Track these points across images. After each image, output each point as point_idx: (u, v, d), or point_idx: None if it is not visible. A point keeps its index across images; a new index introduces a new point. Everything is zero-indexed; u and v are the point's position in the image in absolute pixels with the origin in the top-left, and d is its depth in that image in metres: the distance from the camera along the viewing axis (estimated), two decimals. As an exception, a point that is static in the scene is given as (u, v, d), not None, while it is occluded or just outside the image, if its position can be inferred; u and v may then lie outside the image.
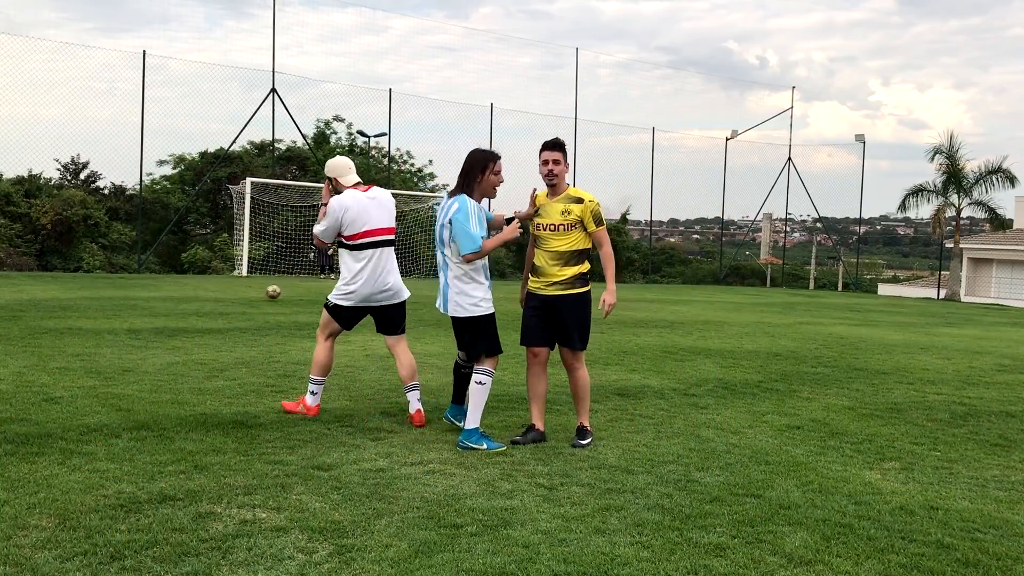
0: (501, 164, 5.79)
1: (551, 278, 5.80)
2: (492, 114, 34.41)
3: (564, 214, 5.75)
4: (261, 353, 9.64)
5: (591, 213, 5.76)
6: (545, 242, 5.82)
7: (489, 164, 5.74)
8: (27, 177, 30.59)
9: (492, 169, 5.75)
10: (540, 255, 5.86)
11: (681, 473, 5.26)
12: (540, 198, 5.88)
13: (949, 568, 3.87)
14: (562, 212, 5.76)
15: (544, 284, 5.83)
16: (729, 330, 14.83)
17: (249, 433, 5.78)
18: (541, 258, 5.85)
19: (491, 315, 5.80)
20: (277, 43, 30.38)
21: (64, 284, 19.34)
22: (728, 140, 41.39)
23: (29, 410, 6.18)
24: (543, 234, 5.82)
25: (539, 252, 5.87)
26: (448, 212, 5.74)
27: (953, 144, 38.11)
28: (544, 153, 5.82)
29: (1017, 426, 7.27)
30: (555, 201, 5.79)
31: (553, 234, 5.78)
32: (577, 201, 5.77)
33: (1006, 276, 43.92)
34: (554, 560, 3.75)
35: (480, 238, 5.64)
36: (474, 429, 5.65)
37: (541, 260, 5.85)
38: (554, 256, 5.79)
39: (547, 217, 5.81)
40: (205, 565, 3.54)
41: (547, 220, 5.80)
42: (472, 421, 5.67)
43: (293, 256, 30.30)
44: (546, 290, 5.82)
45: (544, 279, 5.83)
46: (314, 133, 38.27)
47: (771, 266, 49.06)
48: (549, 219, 5.80)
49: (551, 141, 5.83)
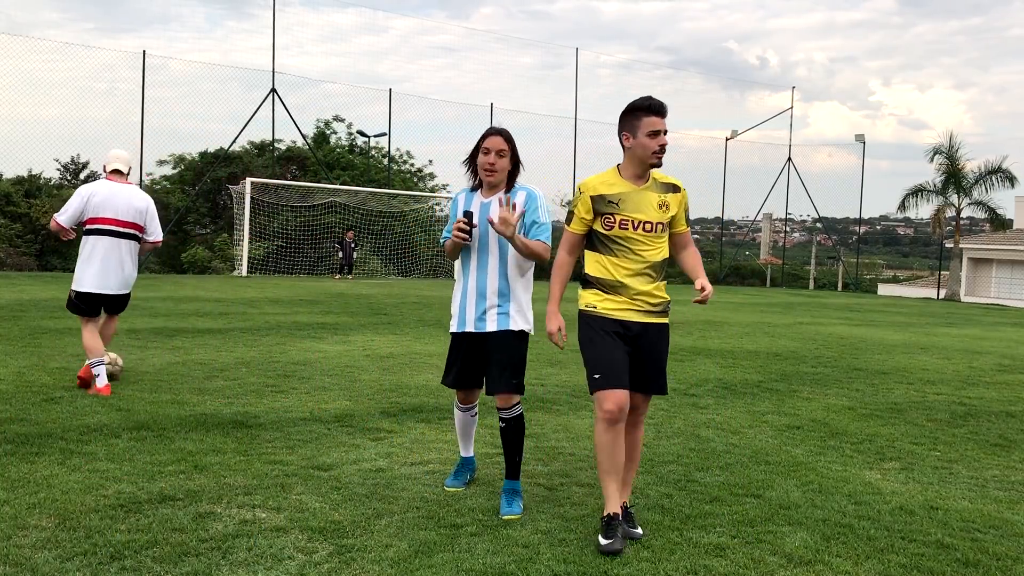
0: (493, 140, 4.48)
1: (647, 298, 4.13)
2: (492, 114, 34.44)
3: (662, 208, 4.14)
4: (261, 353, 9.64)
5: (686, 207, 4.27)
6: (632, 247, 4.10)
7: (479, 143, 4.52)
8: (27, 177, 30.63)
9: (479, 147, 4.53)
10: (619, 266, 4.10)
11: (681, 473, 5.26)
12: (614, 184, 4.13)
13: (949, 568, 3.87)
14: (659, 205, 4.14)
15: (629, 306, 4.11)
16: (729, 330, 14.83)
17: (249, 433, 5.78)
18: (621, 270, 4.10)
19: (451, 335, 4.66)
20: (277, 43, 30.41)
21: (64, 284, 19.33)
22: (728, 140, 41.41)
23: (29, 410, 6.18)
24: (634, 235, 4.10)
25: (617, 262, 4.11)
26: None
27: (953, 144, 38.16)
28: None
29: (1017, 426, 7.27)
30: (645, 189, 4.12)
31: (648, 236, 4.11)
32: (673, 190, 4.19)
33: (1006, 276, 43.92)
34: (554, 560, 3.75)
35: (446, 234, 4.63)
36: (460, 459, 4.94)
37: (621, 273, 4.10)
38: (647, 268, 4.12)
39: (638, 211, 4.10)
40: (205, 565, 3.54)
41: (639, 215, 4.09)
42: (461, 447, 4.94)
43: (293, 256, 30.30)
44: (636, 315, 4.11)
45: (632, 299, 4.11)
46: (314, 133, 38.32)
47: (771, 266, 49.08)
48: (642, 214, 4.10)
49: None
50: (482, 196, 4.55)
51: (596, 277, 4.14)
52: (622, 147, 4.14)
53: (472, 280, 4.51)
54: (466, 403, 4.76)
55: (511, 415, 4.46)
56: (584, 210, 4.14)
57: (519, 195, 4.46)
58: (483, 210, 4.49)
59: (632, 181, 4.13)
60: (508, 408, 4.46)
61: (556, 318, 4.18)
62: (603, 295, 4.11)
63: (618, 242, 4.10)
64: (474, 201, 4.55)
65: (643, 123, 4.02)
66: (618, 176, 4.16)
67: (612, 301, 4.10)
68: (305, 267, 30.37)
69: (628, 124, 4.08)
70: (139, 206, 7.26)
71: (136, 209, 7.23)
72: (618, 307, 4.09)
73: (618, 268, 4.10)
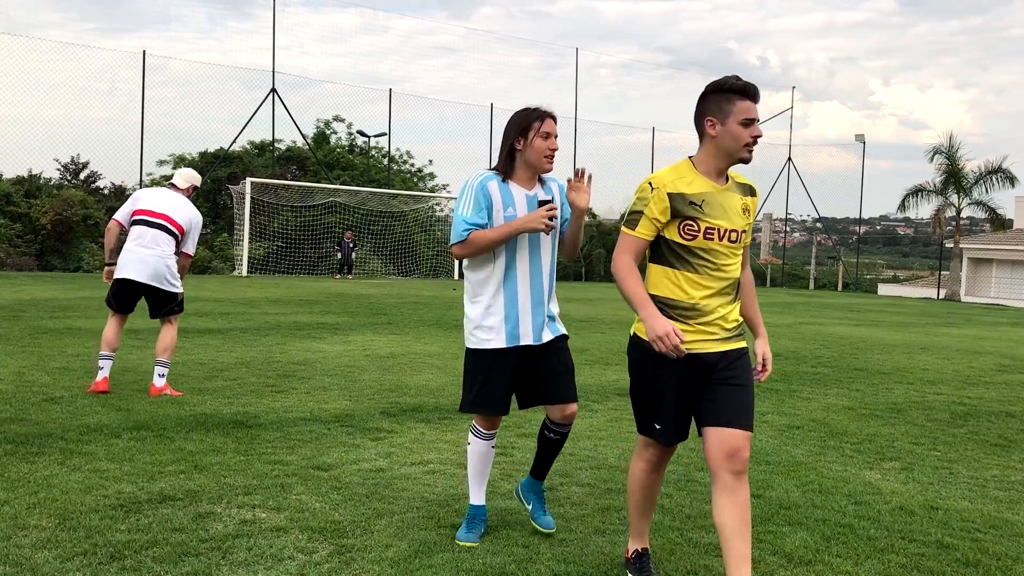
0: (551, 123, 3.91)
1: (724, 324, 3.36)
2: (492, 114, 34.43)
3: (745, 213, 3.40)
4: (261, 353, 9.64)
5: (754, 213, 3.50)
6: (716, 261, 3.32)
7: (532, 126, 3.88)
8: (27, 177, 30.62)
9: (537, 131, 3.88)
10: (699, 284, 3.31)
11: (681, 473, 5.26)
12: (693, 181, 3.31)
13: (949, 568, 3.87)
14: (743, 209, 3.39)
15: (705, 334, 3.33)
16: (729, 330, 14.82)
17: (249, 433, 5.78)
18: (700, 289, 3.31)
19: (481, 353, 3.95)
20: (278, 43, 30.43)
21: (64, 284, 19.33)
22: (728, 140, 41.33)
23: (29, 410, 6.18)
24: (719, 247, 3.31)
25: (697, 280, 3.31)
26: None
27: (953, 144, 38.17)
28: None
29: (1017, 426, 7.27)
30: (727, 189, 3.36)
31: (733, 248, 3.35)
32: (750, 192, 3.47)
33: (1006, 276, 43.92)
34: (554, 560, 3.75)
35: (469, 225, 3.86)
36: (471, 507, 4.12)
37: (700, 293, 3.31)
38: (728, 286, 3.37)
39: (724, 216, 3.32)
40: (205, 565, 3.54)
41: (725, 222, 3.32)
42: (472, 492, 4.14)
43: (293, 256, 30.30)
44: (712, 344, 3.34)
45: (708, 326, 3.33)
46: (314, 133, 38.34)
47: (771, 266, 49.06)
48: (727, 220, 3.33)
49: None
50: (523, 187, 3.92)
51: (666, 298, 3.31)
52: (700, 135, 3.35)
53: (523, 285, 3.89)
54: (492, 429, 4.07)
55: (570, 427, 4.07)
56: (658, 211, 3.28)
57: (551, 185, 4.03)
58: (530, 204, 3.90)
59: (713, 179, 3.34)
60: (571, 421, 4.04)
61: (663, 318, 3.19)
62: (673, 321, 3.27)
63: (700, 255, 3.29)
64: (514, 194, 3.90)
65: (737, 108, 3.24)
66: (695, 171, 3.34)
67: (684, 330, 3.28)
68: (305, 267, 30.37)
69: (716, 107, 3.28)
70: (188, 213, 7.22)
71: (175, 206, 7.20)
72: (692, 338, 3.29)
73: (697, 287, 3.30)
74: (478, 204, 3.85)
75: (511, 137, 3.90)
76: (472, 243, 3.84)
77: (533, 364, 3.96)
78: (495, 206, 3.85)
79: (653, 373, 3.36)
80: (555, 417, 4.01)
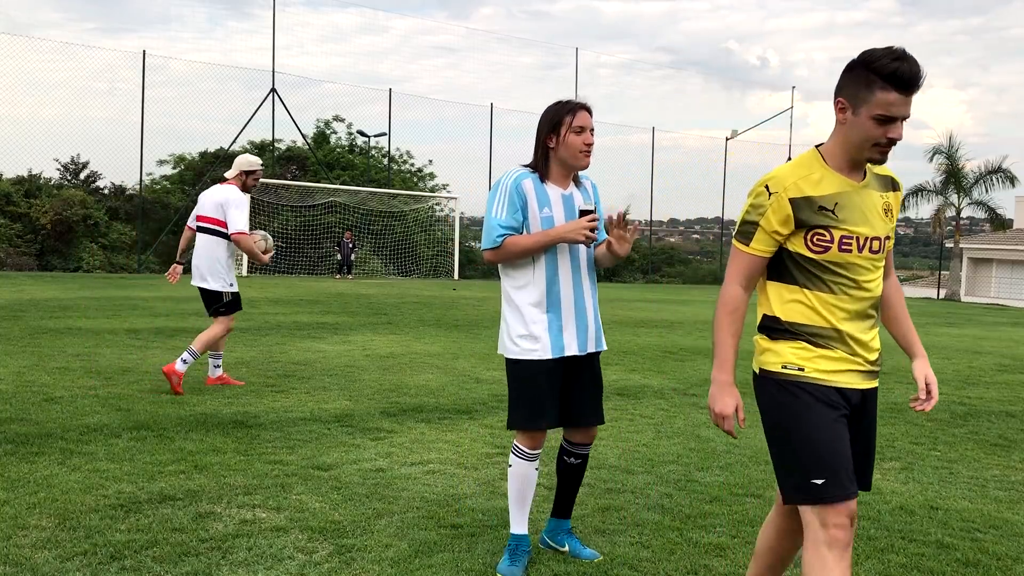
0: (585, 116, 3.61)
1: (867, 355, 2.74)
2: (492, 114, 34.43)
3: (887, 215, 2.76)
4: (261, 353, 9.64)
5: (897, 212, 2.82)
6: (856, 277, 2.69)
7: (563, 120, 3.59)
8: (27, 177, 30.60)
9: (570, 126, 3.58)
10: (836, 307, 2.68)
11: (681, 473, 5.26)
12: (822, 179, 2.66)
13: (949, 568, 3.87)
14: (884, 210, 2.75)
15: (848, 364, 2.70)
16: (729, 330, 14.81)
17: (249, 433, 5.78)
18: (838, 312, 2.68)
19: (525, 364, 3.61)
20: (278, 43, 30.42)
21: (64, 284, 19.34)
22: (728, 140, 41.41)
23: (29, 410, 6.18)
24: (858, 259, 2.68)
25: (835, 301, 2.68)
26: None
27: (953, 144, 38.15)
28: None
29: (1017, 426, 7.27)
30: (865, 186, 2.71)
31: (874, 259, 2.72)
32: (892, 186, 2.81)
33: (1006, 276, 43.94)
34: (554, 560, 3.75)
35: (505, 229, 3.57)
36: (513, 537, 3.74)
37: (839, 316, 2.68)
38: (870, 307, 2.75)
39: (864, 221, 2.69)
40: (205, 565, 3.54)
41: (864, 228, 2.68)
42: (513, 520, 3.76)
43: (293, 256, 30.30)
44: (855, 379, 2.72)
45: (852, 356, 2.71)
46: (314, 133, 38.31)
47: (771, 266, 49.05)
48: (868, 226, 2.69)
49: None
50: (559, 187, 3.66)
51: (799, 324, 2.69)
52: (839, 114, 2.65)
53: (567, 291, 3.63)
54: (536, 449, 3.69)
55: (589, 449, 3.88)
56: (778, 221, 2.65)
57: (586, 185, 3.76)
58: (566, 204, 3.65)
59: (847, 174, 2.68)
60: (592, 442, 3.86)
61: (731, 391, 2.73)
62: (813, 350, 2.67)
63: (835, 270, 2.66)
64: (550, 194, 3.63)
65: (876, 99, 2.54)
66: (824, 166, 2.68)
67: (827, 359, 2.66)
68: (305, 267, 30.37)
69: (852, 88, 2.60)
70: (217, 199, 7.37)
71: (214, 203, 7.35)
72: (836, 368, 2.66)
73: (834, 310, 2.67)
74: (512, 204, 3.57)
75: (543, 135, 3.63)
76: (507, 250, 3.56)
77: (575, 379, 3.71)
78: (530, 206, 3.58)
79: (802, 413, 2.64)
80: (576, 439, 3.78)
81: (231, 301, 7.36)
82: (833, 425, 2.63)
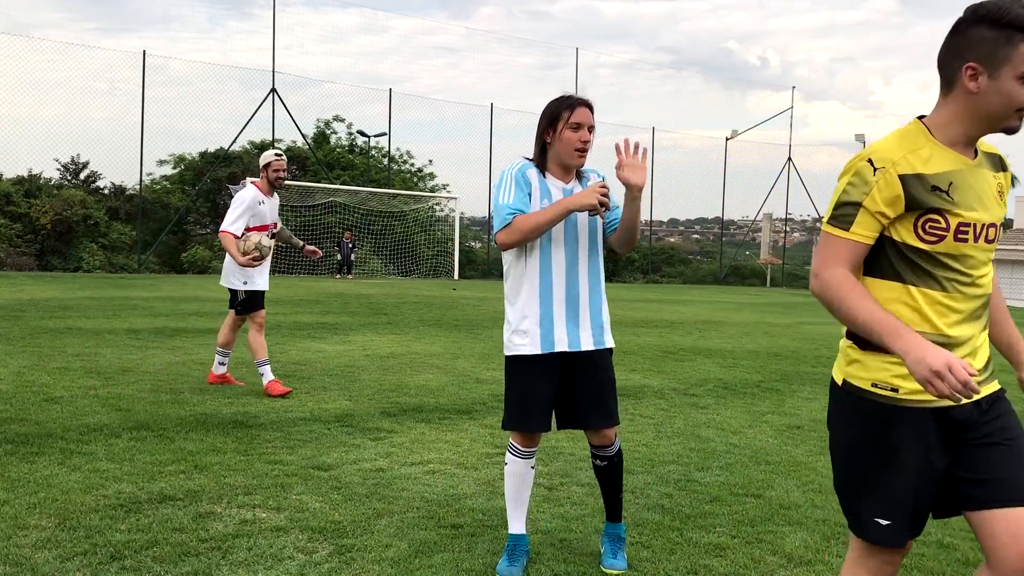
0: (584, 113, 3.53)
1: (976, 361, 2.37)
2: (492, 114, 34.41)
3: (1000, 197, 2.35)
4: (261, 353, 9.63)
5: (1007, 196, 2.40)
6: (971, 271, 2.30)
7: (560, 115, 3.53)
8: (27, 177, 30.60)
9: (567, 121, 3.52)
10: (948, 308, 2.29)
11: (681, 473, 5.26)
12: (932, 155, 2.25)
13: (949, 568, 3.87)
14: (1000, 192, 2.35)
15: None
16: (729, 330, 14.83)
17: (249, 433, 5.78)
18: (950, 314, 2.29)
19: (516, 359, 3.59)
20: (278, 43, 30.41)
21: (64, 284, 19.34)
22: (728, 140, 41.42)
23: (29, 410, 6.18)
24: (973, 250, 2.29)
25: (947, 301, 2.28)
26: None
27: (953, 144, 38.16)
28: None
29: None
30: (977, 165, 2.29)
31: (989, 249, 2.33)
32: (1000, 165, 2.38)
33: (1006, 276, 43.98)
34: (554, 560, 3.75)
35: (513, 209, 3.49)
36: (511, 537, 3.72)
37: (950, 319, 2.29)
38: (982, 306, 2.36)
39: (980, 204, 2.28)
40: (205, 565, 3.54)
41: (981, 213, 2.28)
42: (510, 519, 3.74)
43: (293, 256, 30.30)
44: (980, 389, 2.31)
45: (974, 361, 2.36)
46: (314, 133, 38.32)
47: (771, 266, 49.06)
48: (984, 210, 2.29)
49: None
50: (561, 180, 3.61)
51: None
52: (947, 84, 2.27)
53: (559, 284, 3.55)
54: (531, 447, 3.69)
55: (613, 451, 3.70)
56: (885, 201, 2.23)
57: (591, 177, 3.67)
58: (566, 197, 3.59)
59: (961, 150, 2.28)
60: (611, 444, 3.68)
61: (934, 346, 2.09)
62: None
63: (947, 264, 2.26)
64: (551, 187, 3.58)
65: (1020, 53, 2.14)
66: (932, 140, 2.27)
67: None
68: (305, 267, 30.37)
69: (985, 49, 2.18)
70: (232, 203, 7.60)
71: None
72: None
73: (945, 311, 2.27)
74: (520, 188, 3.50)
75: (541, 129, 3.57)
76: (518, 227, 3.43)
77: (573, 378, 3.60)
78: (533, 196, 3.53)
79: (883, 444, 2.29)
80: (593, 441, 3.70)
81: (246, 300, 7.44)
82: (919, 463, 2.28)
